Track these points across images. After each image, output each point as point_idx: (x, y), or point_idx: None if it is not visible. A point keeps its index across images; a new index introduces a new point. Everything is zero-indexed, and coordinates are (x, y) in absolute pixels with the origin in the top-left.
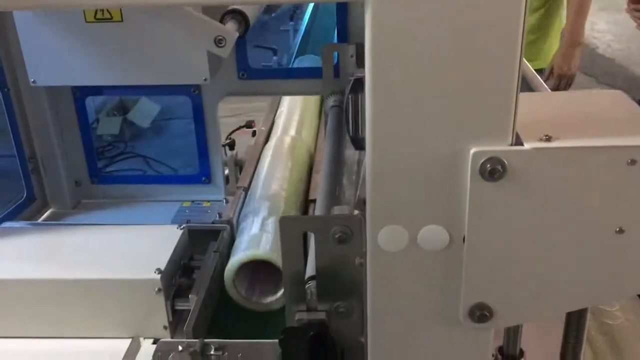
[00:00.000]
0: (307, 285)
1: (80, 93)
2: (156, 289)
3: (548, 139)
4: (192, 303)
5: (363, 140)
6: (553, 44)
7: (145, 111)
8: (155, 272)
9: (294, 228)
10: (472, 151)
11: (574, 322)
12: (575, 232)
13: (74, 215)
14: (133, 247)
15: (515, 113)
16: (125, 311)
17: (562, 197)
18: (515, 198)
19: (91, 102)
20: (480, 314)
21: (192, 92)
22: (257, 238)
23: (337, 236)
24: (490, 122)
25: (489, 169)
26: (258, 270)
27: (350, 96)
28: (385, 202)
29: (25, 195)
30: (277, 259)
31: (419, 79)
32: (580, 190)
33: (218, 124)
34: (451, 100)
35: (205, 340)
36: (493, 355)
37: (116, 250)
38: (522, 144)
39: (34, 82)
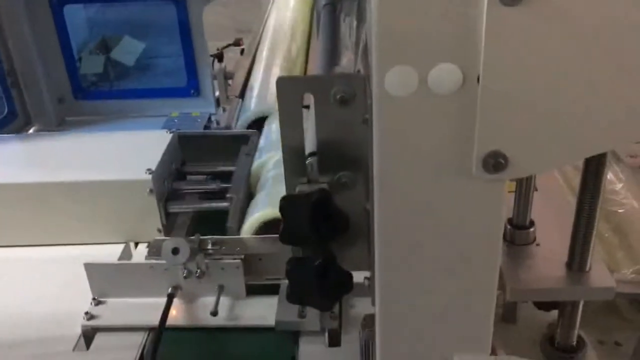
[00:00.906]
0: (307, 161)
1: (58, 1)
2: (148, 190)
3: None
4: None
5: None
6: None
7: (129, 49)
8: (146, 173)
9: (291, 89)
10: None
11: (592, 172)
12: (601, 63)
13: (60, 133)
14: (123, 151)
15: None
16: (119, 214)
17: (588, 21)
18: (537, 25)
19: (73, 41)
20: (495, 162)
21: None
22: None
23: (338, 97)
24: None
25: None
26: None
27: None
28: (392, 38)
29: (6, 111)
30: None
31: None
32: (608, 12)
33: (204, 33)
34: None
35: (202, 237)
36: None
37: (106, 154)
38: None
39: None
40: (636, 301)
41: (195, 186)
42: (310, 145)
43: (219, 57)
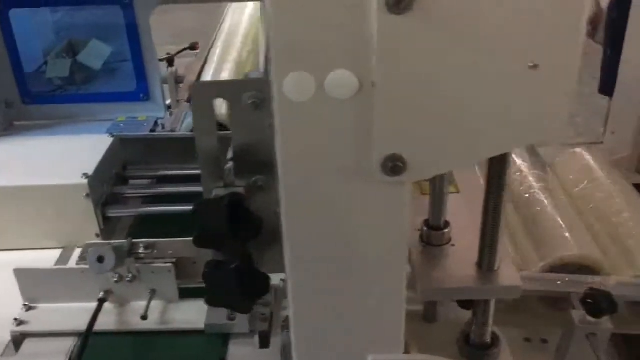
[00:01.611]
0: (227, 166)
1: (3, 4)
2: (84, 194)
3: None
4: None
5: None
6: None
7: (96, 53)
8: (82, 177)
9: (206, 93)
10: None
11: (496, 173)
12: (488, 69)
13: (5, 137)
14: (61, 156)
15: None
16: (56, 220)
17: (474, 28)
18: (425, 32)
19: (39, 45)
20: (394, 165)
21: (124, 0)
22: None
23: (250, 102)
24: None
25: None
26: None
27: None
28: (288, 45)
29: None
30: None
31: None
32: (493, 19)
33: (151, 38)
34: None
35: (134, 240)
36: (419, 230)
37: (43, 159)
38: None
39: None
40: (546, 297)
41: (137, 191)
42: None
43: (170, 61)
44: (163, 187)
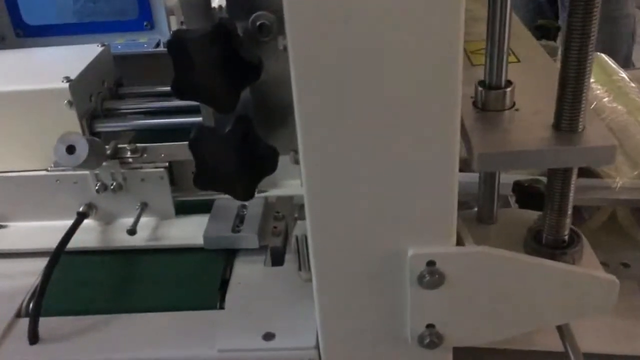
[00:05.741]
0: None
1: None
2: (65, 102)
3: None
4: None
5: None
6: None
7: None
8: (62, 81)
9: None
10: None
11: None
12: None
13: None
14: (45, 64)
15: None
16: (33, 135)
17: None
18: None
19: None
20: None
21: None
22: None
23: None
24: None
25: None
26: None
27: None
28: None
29: None
30: None
31: None
32: None
33: None
34: None
35: (120, 145)
36: (472, 97)
37: (26, 67)
38: None
39: None
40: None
41: (132, 105)
42: None
43: None
44: (162, 101)
